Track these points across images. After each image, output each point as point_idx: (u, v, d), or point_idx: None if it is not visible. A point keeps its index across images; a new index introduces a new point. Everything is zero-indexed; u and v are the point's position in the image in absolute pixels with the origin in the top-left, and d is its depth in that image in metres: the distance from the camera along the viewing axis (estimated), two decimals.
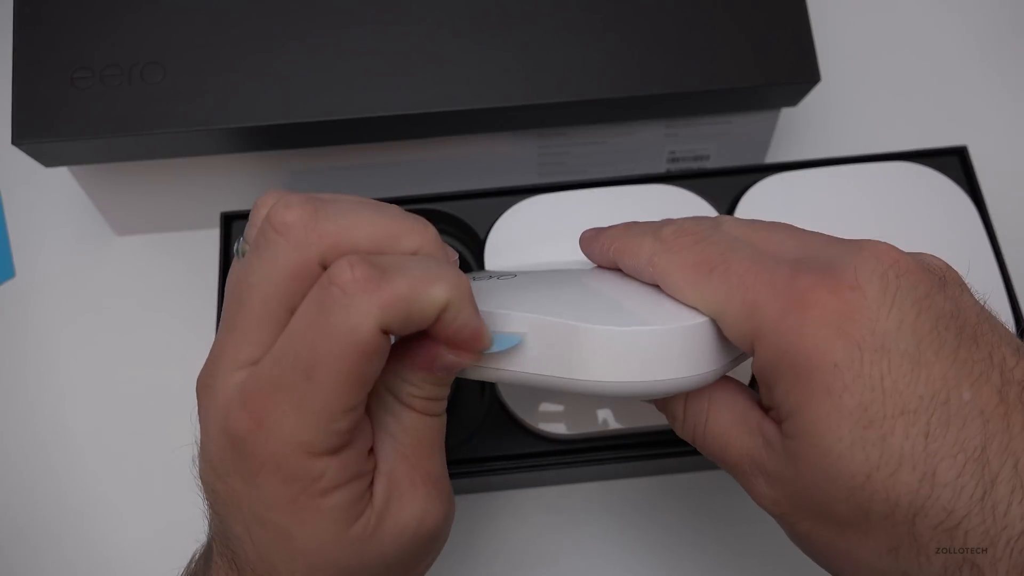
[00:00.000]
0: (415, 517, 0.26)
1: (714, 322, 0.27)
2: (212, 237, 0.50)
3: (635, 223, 0.32)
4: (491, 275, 0.35)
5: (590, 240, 0.33)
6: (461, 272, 0.25)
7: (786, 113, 0.49)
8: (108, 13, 0.42)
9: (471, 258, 0.43)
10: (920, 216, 0.41)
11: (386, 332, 0.24)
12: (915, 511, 0.23)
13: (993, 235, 0.40)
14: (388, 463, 0.26)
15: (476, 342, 0.25)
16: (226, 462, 0.25)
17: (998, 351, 0.24)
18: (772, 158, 0.52)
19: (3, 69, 0.44)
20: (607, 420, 0.38)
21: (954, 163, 0.42)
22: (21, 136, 0.41)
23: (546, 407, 0.38)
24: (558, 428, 0.38)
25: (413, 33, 0.42)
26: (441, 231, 0.43)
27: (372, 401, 0.26)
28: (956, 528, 0.23)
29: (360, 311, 0.23)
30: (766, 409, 0.27)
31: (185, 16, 0.42)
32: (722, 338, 0.27)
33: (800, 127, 0.54)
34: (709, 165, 0.50)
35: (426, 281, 0.24)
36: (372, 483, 0.26)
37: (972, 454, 0.22)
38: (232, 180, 0.48)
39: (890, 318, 0.24)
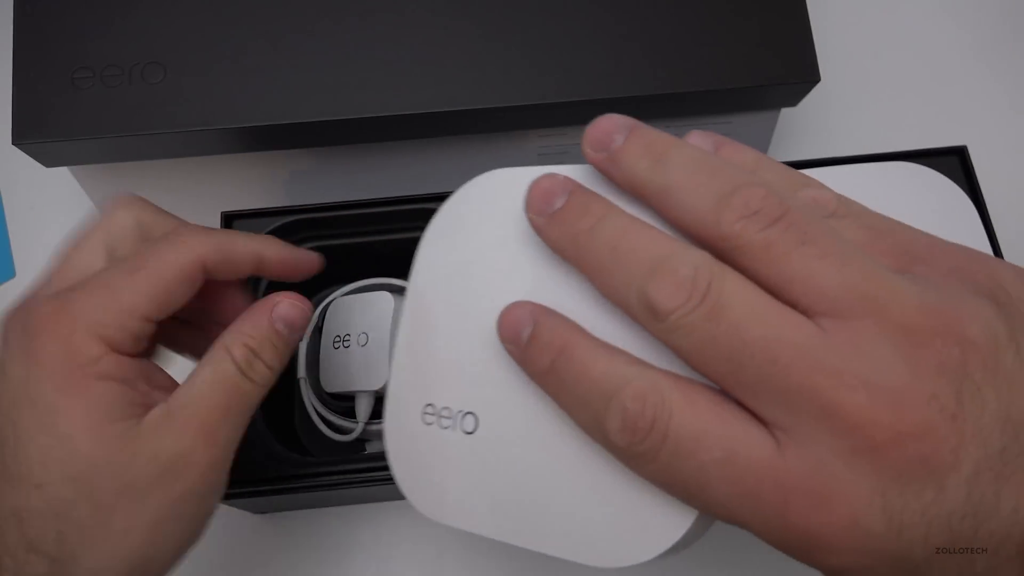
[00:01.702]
0: (174, 454, 0.28)
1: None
2: None
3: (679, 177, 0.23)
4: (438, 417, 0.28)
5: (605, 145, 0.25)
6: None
7: (786, 113, 0.49)
8: (108, 13, 0.42)
9: None
10: (920, 216, 0.40)
11: (204, 269, 0.30)
12: None
13: (993, 235, 0.40)
14: (178, 400, 0.28)
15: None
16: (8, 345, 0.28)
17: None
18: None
19: (3, 69, 0.44)
20: None
21: (954, 163, 0.42)
22: (21, 136, 0.41)
23: None
24: None
25: (413, 33, 0.42)
26: None
27: (205, 353, 0.30)
28: None
29: (187, 247, 0.29)
30: None
31: (185, 16, 0.42)
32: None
33: (800, 127, 0.54)
34: None
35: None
36: (150, 408, 0.28)
37: None
38: (232, 180, 0.48)
39: (898, 544, 0.21)
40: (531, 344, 0.24)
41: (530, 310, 0.24)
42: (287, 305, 0.30)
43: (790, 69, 0.42)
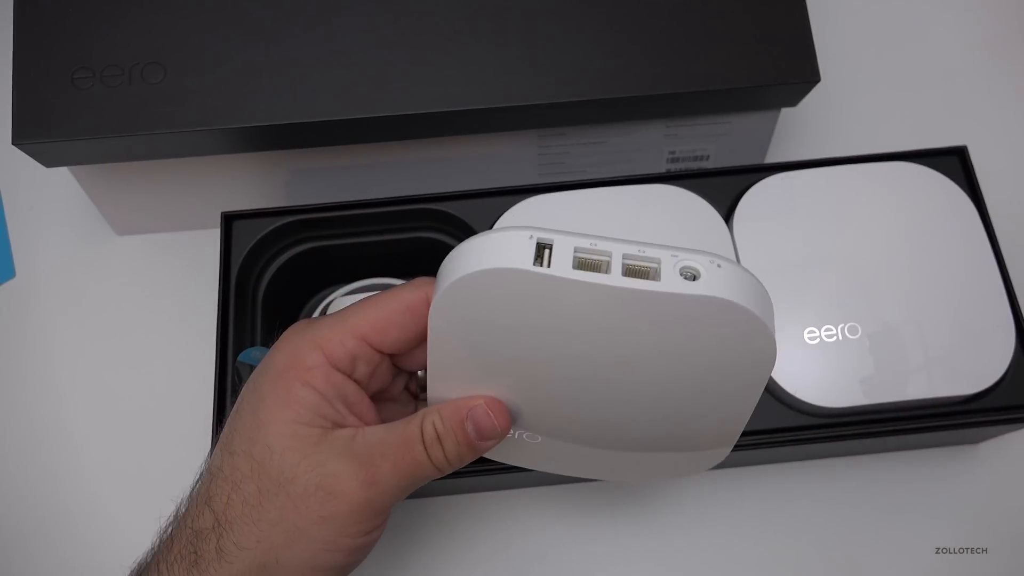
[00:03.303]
0: (334, 474, 0.30)
1: None
2: (212, 237, 0.50)
3: None
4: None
5: None
6: None
7: (786, 113, 0.49)
8: (108, 13, 0.42)
9: None
10: (920, 216, 0.41)
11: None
12: None
13: (993, 235, 0.40)
14: (367, 436, 0.30)
15: None
16: None
17: None
18: (772, 158, 0.52)
19: (3, 69, 0.44)
20: None
21: (954, 163, 0.42)
22: (21, 136, 0.41)
23: None
24: None
25: (413, 33, 0.42)
26: (441, 231, 0.43)
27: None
28: None
29: (416, 286, 0.31)
30: None
31: (185, 16, 0.42)
32: None
33: (800, 127, 0.54)
34: (709, 165, 0.50)
35: None
36: (339, 426, 0.30)
37: None
38: (232, 180, 0.48)
39: None
40: None
41: None
42: (481, 411, 0.30)
43: (790, 69, 0.42)
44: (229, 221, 0.43)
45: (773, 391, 0.39)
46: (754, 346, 0.27)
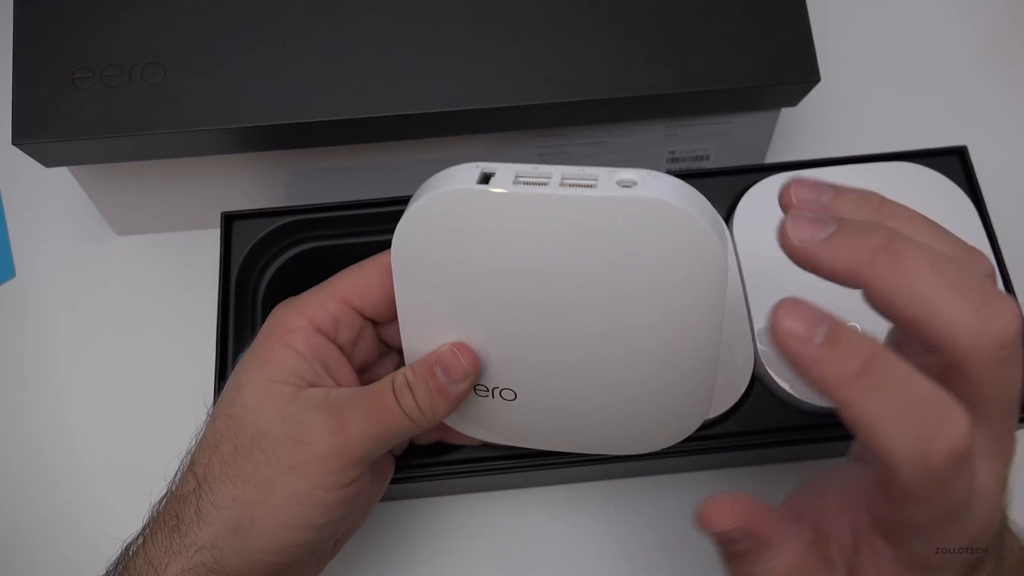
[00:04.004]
0: (303, 424, 0.30)
1: None
2: (212, 237, 0.50)
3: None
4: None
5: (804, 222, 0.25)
6: None
7: (786, 113, 0.49)
8: (108, 13, 0.42)
9: None
10: None
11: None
12: None
13: (993, 235, 0.40)
14: (338, 391, 0.31)
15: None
16: None
17: None
18: (772, 158, 0.52)
19: (3, 69, 0.44)
20: None
21: (954, 163, 0.42)
22: (21, 136, 0.41)
23: None
24: None
25: (413, 33, 0.42)
26: None
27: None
28: None
29: None
30: None
31: (185, 16, 0.42)
32: None
33: (800, 127, 0.54)
34: (709, 165, 0.50)
35: None
36: (316, 387, 0.31)
37: None
38: (232, 180, 0.48)
39: None
40: (835, 343, 0.22)
41: (815, 310, 0.23)
42: (448, 354, 0.31)
43: (790, 69, 0.42)
44: (229, 221, 0.43)
45: (773, 391, 0.39)
46: (699, 252, 0.27)
